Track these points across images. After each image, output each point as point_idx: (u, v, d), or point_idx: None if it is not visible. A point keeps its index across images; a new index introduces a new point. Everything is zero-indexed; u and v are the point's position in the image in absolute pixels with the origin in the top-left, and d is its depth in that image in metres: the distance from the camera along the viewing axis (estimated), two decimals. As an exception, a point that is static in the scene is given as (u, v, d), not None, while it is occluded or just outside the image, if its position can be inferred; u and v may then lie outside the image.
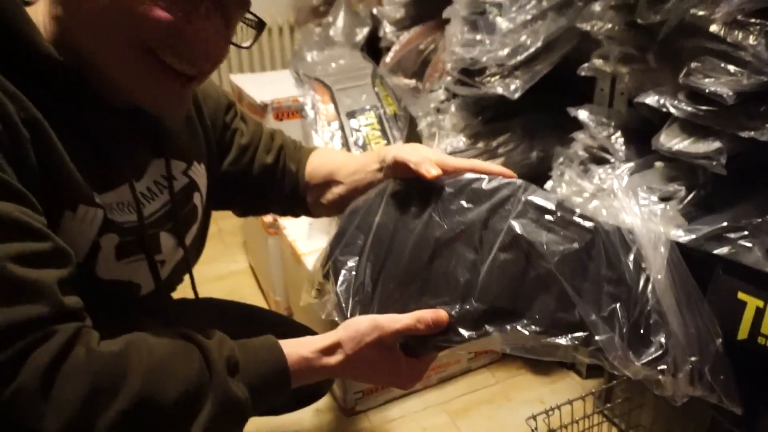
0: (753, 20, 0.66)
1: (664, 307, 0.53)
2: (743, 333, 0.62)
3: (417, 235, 0.61)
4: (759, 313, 0.61)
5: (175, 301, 0.77)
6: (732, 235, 0.69)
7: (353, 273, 0.62)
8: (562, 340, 0.54)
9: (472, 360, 1.27)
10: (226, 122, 0.75)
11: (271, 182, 0.77)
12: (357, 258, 0.62)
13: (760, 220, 0.68)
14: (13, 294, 0.41)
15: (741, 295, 0.63)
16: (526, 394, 1.20)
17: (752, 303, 0.61)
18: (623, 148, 0.86)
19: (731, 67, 0.67)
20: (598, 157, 0.90)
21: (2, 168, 0.44)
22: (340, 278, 0.62)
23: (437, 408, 1.18)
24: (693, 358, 0.53)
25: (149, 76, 0.51)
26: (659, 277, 0.54)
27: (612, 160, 0.87)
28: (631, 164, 0.83)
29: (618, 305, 0.54)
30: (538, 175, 1.07)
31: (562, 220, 0.58)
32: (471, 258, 0.59)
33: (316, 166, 0.77)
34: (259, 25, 0.57)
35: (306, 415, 1.17)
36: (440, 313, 0.56)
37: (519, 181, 0.62)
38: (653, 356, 0.52)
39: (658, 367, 0.53)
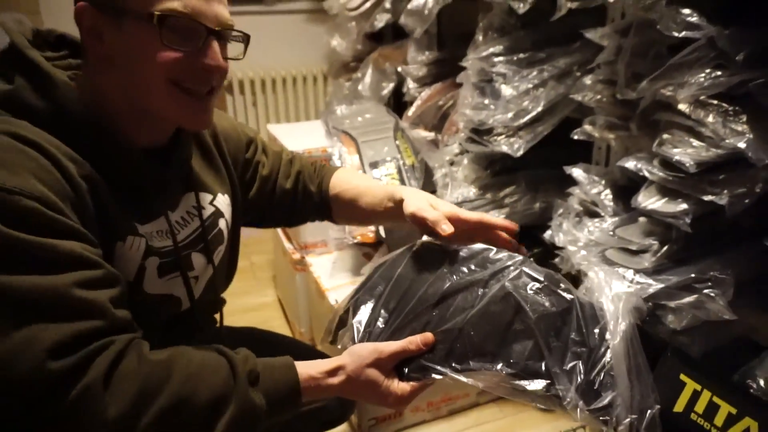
0: (713, 101, 0.77)
1: (617, 371, 0.66)
2: (679, 407, 0.74)
3: (427, 286, 0.72)
4: (695, 395, 0.73)
5: (218, 327, 0.90)
6: (698, 286, 0.78)
7: (369, 311, 0.74)
8: (528, 385, 0.64)
9: (481, 395, 1.35)
10: (248, 158, 0.89)
11: (293, 203, 0.91)
12: (375, 300, 0.74)
13: (724, 274, 0.78)
14: (77, 312, 0.54)
15: (683, 377, 0.75)
16: (532, 430, 1.27)
17: (690, 385, 0.74)
18: (611, 203, 0.96)
19: (694, 141, 0.78)
20: (591, 211, 1.01)
21: (68, 215, 0.57)
22: (358, 313, 0.74)
23: (446, 439, 1.26)
24: (633, 416, 0.65)
25: (177, 101, 0.64)
26: (617, 347, 0.67)
27: (602, 214, 0.97)
28: (616, 219, 0.93)
29: (579, 363, 0.65)
30: (540, 224, 1.18)
31: (548, 288, 0.69)
32: (467, 307, 0.69)
33: (342, 188, 0.91)
34: (246, 38, 0.71)
35: (324, 439, 1.26)
36: (428, 335, 0.67)
37: (521, 257, 0.73)
38: (600, 408, 0.64)
39: (602, 418, 0.64)
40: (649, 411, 0.66)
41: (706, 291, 0.78)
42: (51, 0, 2.60)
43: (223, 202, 0.82)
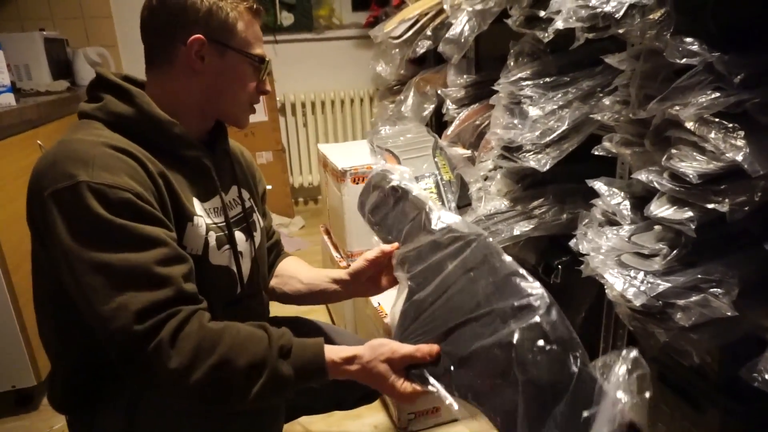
0: (715, 119, 0.85)
1: None
2: None
3: (459, 294, 0.75)
4: None
5: (270, 318, 1.05)
6: (704, 286, 0.86)
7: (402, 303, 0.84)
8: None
9: (514, 395, 1.42)
10: (263, 198, 1.09)
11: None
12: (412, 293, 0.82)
13: (727, 275, 0.85)
14: (155, 283, 0.69)
15: None
16: None
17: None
18: (629, 213, 1.04)
19: (698, 155, 0.86)
20: (611, 220, 1.09)
21: (153, 205, 0.74)
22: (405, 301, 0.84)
23: (480, 434, 1.35)
24: None
25: (248, 113, 0.91)
26: None
27: (621, 222, 1.06)
28: (633, 227, 1.01)
29: None
30: (567, 234, 1.27)
31: (555, 353, 0.64)
32: (478, 338, 0.70)
33: (285, 267, 1.11)
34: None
35: (365, 429, 1.38)
36: (434, 348, 0.75)
37: (548, 301, 0.68)
38: None
39: None
40: None
41: (711, 290, 0.85)
42: (126, 35, 2.90)
43: (255, 202, 1.02)
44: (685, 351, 0.93)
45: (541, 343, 0.64)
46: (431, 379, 0.74)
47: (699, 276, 0.86)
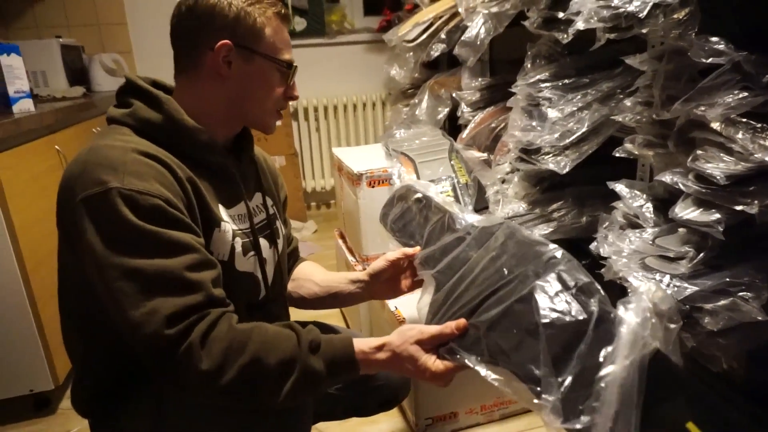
0: (742, 119, 0.84)
1: (607, 399, 0.61)
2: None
3: (480, 270, 0.78)
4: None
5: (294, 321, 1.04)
6: (732, 289, 0.84)
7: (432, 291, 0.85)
8: (522, 386, 0.66)
9: (532, 401, 1.41)
10: (284, 205, 1.10)
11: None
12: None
13: (757, 279, 0.83)
14: (186, 288, 0.69)
15: (690, 426, 0.65)
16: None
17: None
18: (652, 215, 1.03)
19: (725, 156, 0.85)
20: (633, 223, 1.08)
21: (182, 211, 0.74)
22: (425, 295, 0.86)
23: (498, 440, 1.33)
24: None
25: (274, 118, 0.90)
26: (616, 375, 0.61)
27: (643, 225, 1.04)
28: (656, 229, 1.00)
29: (573, 378, 0.63)
30: (587, 237, 1.25)
31: (573, 296, 0.67)
32: (501, 300, 0.73)
33: (301, 270, 1.11)
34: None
35: (383, 435, 1.37)
36: (461, 322, 0.76)
37: (567, 257, 0.71)
38: (575, 428, 0.61)
39: None
40: None
41: (740, 294, 0.83)
42: (141, 41, 2.93)
43: (278, 211, 1.02)
44: (713, 356, 0.91)
45: (560, 289, 0.68)
46: (462, 352, 0.74)
47: (727, 279, 0.85)
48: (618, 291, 1.30)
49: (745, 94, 0.81)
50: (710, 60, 0.83)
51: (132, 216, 0.68)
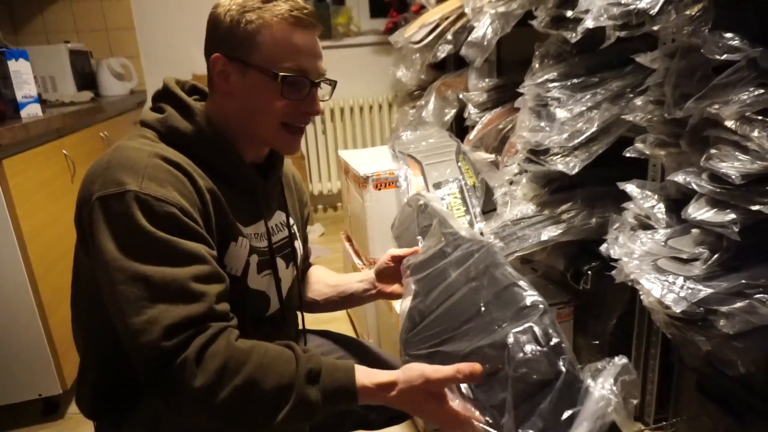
0: (758, 117, 0.81)
1: None
2: None
3: (460, 300, 0.77)
4: None
5: (299, 330, 1.03)
6: (749, 291, 0.82)
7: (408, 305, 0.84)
8: (482, 427, 0.67)
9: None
10: (306, 222, 1.07)
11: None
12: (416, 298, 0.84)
13: (775, 280, 0.81)
14: (189, 299, 0.67)
15: None
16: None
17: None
18: (664, 216, 1.01)
19: (740, 155, 0.82)
20: (645, 224, 1.06)
21: (197, 221, 0.72)
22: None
23: (509, 445, 1.31)
24: None
25: (280, 134, 0.81)
26: None
27: (655, 226, 1.02)
28: (669, 230, 0.98)
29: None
30: (597, 239, 1.23)
31: (544, 355, 0.67)
32: (476, 337, 0.72)
33: (310, 273, 1.10)
34: (333, 84, 0.87)
35: (392, 440, 1.35)
36: (476, 366, 0.69)
37: (543, 308, 0.70)
38: None
39: None
40: None
41: (757, 296, 0.81)
42: (148, 46, 2.94)
43: (298, 230, 0.99)
44: (729, 360, 0.88)
45: (532, 345, 0.68)
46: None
47: (744, 281, 0.83)
48: (630, 292, 1.29)
49: (762, 91, 0.79)
50: (725, 56, 0.81)
51: (145, 221, 0.66)
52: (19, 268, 1.43)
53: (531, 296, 0.71)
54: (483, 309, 0.75)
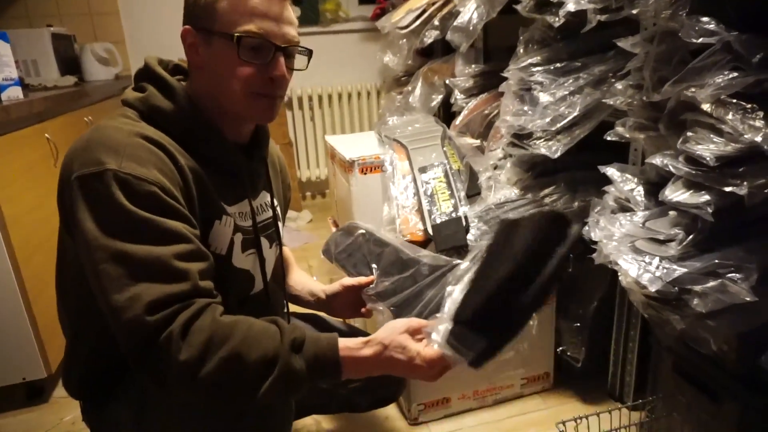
0: (732, 100, 0.83)
1: None
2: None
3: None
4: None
5: (285, 312, 1.04)
6: (722, 271, 0.84)
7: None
8: None
9: (525, 386, 1.41)
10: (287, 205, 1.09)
11: None
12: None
13: (747, 261, 0.83)
14: (172, 277, 0.67)
15: None
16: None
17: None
18: (643, 199, 1.02)
19: (715, 137, 0.84)
20: (624, 207, 1.07)
21: (178, 200, 0.72)
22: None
23: (490, 426, 1.33)
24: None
25: (249, 101, 0.79)
26: None
27: (634, 209, 1.04)
28: (647, 212, 0.99)
29: None
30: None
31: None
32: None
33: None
34: (309, 53, 0.86)
35: (377, 421, 1.37)
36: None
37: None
38: None
39: None
40: None
41: (729, 276, 0.83)
42: (133, 31, 2.90)
43: (280, 212, 1.00)
44: (703, 339, 0.91)
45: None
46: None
47: (716, 261, 0.84)
48: (610, 276, 1.31)
49: (736, 74, 0.81)
50: (701, 40, 0.82)
51: (125, 200, 0.66)
52: (1, 253, 1.42)
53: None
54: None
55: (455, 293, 0.74)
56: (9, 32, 1.63)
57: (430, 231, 1.32)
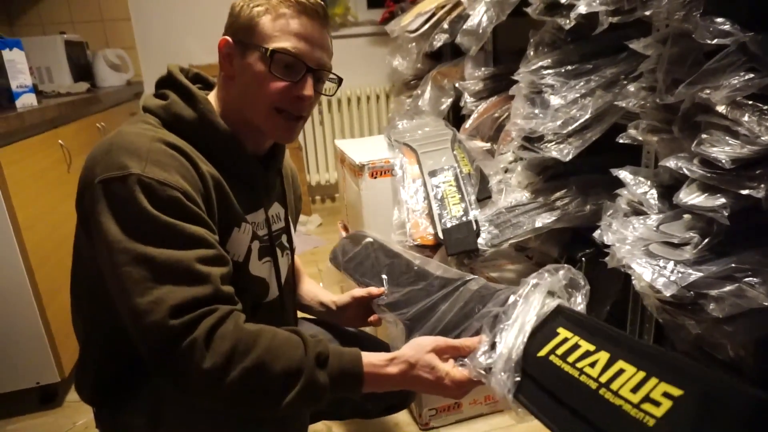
0: (748, 102, 0.82)
1: None
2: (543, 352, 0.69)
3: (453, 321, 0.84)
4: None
5: (298, 319, 1.05)
6: (739, 275, 0.83)
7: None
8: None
9: (537, 391, 1.40)
10: (297, 217, 1.09)
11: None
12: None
13: (764, 264, 0.82)
14: (195, 281, 0.67)
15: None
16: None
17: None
18: (656, 202, 1.01)
19: (730, 139, 0.83)
20: (638, 210, 1.06)
21: (199, 205, 0.72)
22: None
23: (502, 431, 1.32)
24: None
25: (275, 120, 0.81)
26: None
27: (648, 212, 1.02)
28: (661, 216, 0.98)
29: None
30: (591, 226, 1.23)
31: None
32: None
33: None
34: (339, 81, 0.88)
35: (388, 426, 1.36)
36: (475, 339, 0.75)
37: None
38: None
39: None
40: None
41: (746, 280, 0.82)
42: (145, 37, 2.93)
43: (291, 223, 1.01)
44: (719, 344, 0.89)
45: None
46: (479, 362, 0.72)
47: (733, 265, 0.83)
48: (623, 279, 1.29)
49: (752, 75, 0.79)
50: (716, 41, 0.81)
51: (148, 205, 0.67)
52: (15, 258, 1.44)
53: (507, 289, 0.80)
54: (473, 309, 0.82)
55: (510, 337, 0.70)
56: (23, 40, 1.65)
57: (440, 235, 1.32)
